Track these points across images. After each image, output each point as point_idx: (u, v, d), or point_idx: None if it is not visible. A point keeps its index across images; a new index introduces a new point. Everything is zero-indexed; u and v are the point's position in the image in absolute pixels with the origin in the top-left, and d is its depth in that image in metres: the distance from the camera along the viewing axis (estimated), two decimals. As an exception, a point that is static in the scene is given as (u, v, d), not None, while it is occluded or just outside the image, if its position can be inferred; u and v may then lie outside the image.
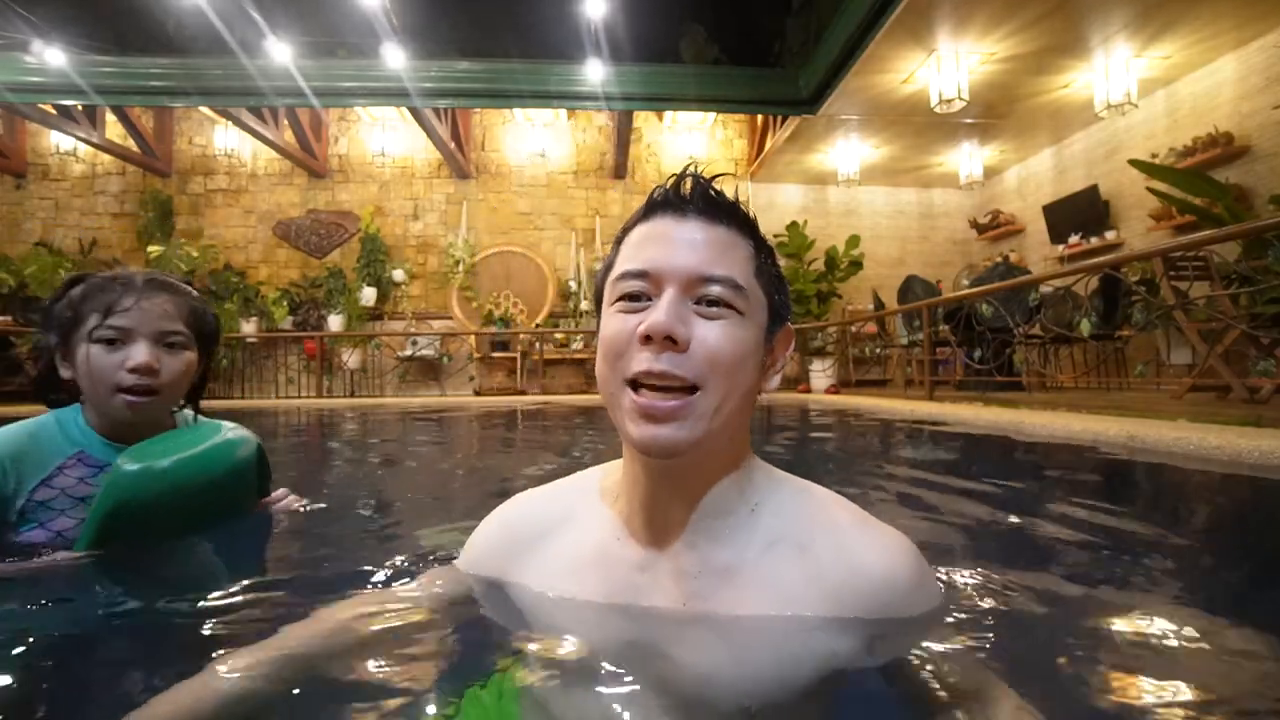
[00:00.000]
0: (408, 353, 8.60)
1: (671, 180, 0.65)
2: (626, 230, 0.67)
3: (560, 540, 0.71)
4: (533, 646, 0.62)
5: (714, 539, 0.64)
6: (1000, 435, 3.17)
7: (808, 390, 7.81)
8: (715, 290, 0.60)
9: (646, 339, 0.58)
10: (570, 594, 0.67)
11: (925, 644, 0.60)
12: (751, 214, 0.67)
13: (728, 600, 0.62)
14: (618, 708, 0.52)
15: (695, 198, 0.64)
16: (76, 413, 1.07)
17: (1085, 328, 4.32)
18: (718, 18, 8.10)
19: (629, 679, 0.56)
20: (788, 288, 0.69)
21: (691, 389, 0.59)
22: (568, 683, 0.58)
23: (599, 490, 0.73)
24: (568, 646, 0.61)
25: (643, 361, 0.59)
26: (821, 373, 7.95)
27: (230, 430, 1.11)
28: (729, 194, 0.65)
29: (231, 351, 8.53)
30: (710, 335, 0.59)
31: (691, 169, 0.66)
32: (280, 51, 6.47)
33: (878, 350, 8.68)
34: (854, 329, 8.50)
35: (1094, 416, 3.09)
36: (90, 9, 7.10)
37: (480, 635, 0.68)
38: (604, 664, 0.58)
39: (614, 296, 0.63)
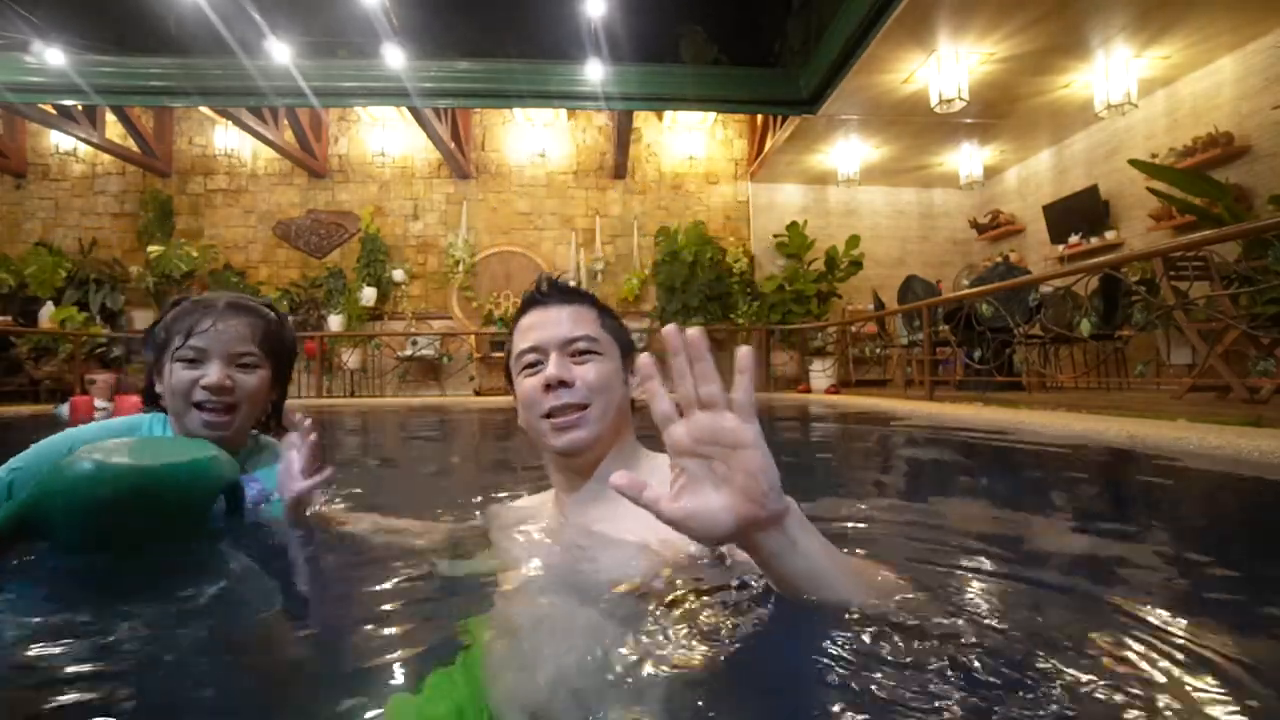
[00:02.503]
0: (408, 353, 8.60)
1: (534, 285, 1.01)
2: (515, 321, 1.01)
3: (528, 526, 1.04)
4: (491, 618, 0.77)
5: (610, 498, 0.81)
6: (1000, 435, 3.17)
7: (808, 390, 7.82)
8: (580, 345, 0.94)
9: (548, 387, 0.91)
10: (525, 554, 0.97)
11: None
12: (587, 290, 1.04)
13: (614, 532, 0.87)
14: (563, 651, 0.66)
15: (551, 291, 0.98)
16: (165, 421, 1.15)
17: (1085, 328, 4.32)
18: (718, 18, 8.10)
19: (559, 609, 0.75)
20: (627, 330, 1.04)
21: (583, 406, 0.91)
22: (520, 638, 0.71)
23: (550, 497, 1.05)
24: (517, 604, 0.80)
25: (548, 401, 0.91)
26: (821, 373, 7.95)
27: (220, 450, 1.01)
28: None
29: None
30: (585, 372, 0.92)
31: (544, 276, 1.02)
32: (280, 51, 6.47)
33: (878, 350, 8.68)
34: (854, 329, 8.50)
35: (1094, 416, 3.09)
36: (90, 9, 7.11)
37: (448, 609, 0.86)
38: (544, 604, 0.76)
39: (520, 368, 0.96)
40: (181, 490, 0.91)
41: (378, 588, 0.89)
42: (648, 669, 0.57)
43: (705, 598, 0.70)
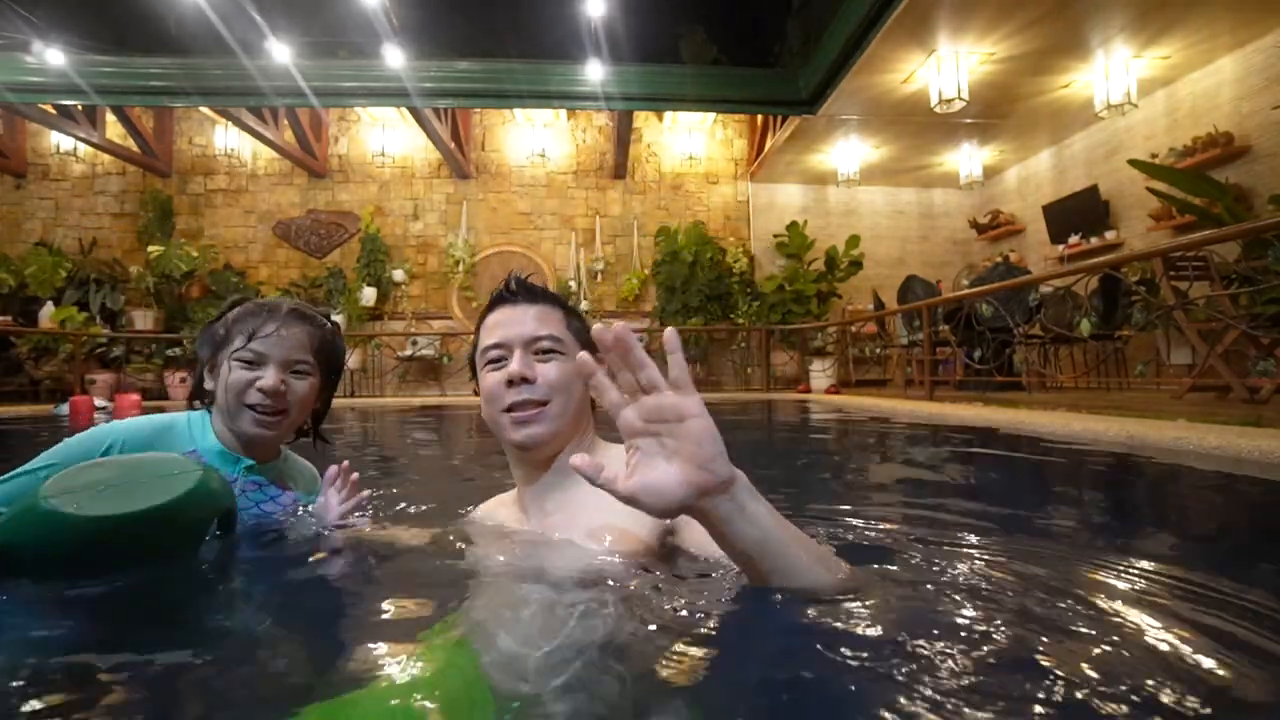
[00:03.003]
0: (408, 353, 8.60)
1: (503, 283, 1.03)
2: (482, 318, 1.03)
3: (495, 514, 1.12)
4: (467, 599, 0.84)
5: (564, 488, 0.97)
6: (999, 435, 3.17)
7: (808, 390, 7.82)
8: (544, 344, 0.96)
9: (510, 383, 0.94)
10: (490, 551, 1.01)
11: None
12: (555, 292, 1.06)
13: (572, 515, 0.93)
14: (528, 617, 0.74)
15: (518, 291, 1.01)
16: (206, 417, 1.16)
17: (1085, 328, 4.32)
18: (718, 18, 8.10)
19: (528, 593, 0.81)
20: (585, 332, 1.03)
21: (543, 403, 0.94)
22: (497, 610, 0.79)
23: (512, 495, 1.11)
24: (491, 588, 0.88)
25: (509, 396, 0.94)
26: (821, 373, 7.95)
27: (213, 479, 0.95)
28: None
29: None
30: (547, 370, 0.95)
31: (514, 275, 1.04)
32: (280, 51, 6.47)
33: (878, 350, 8.68)
34: (854, 329, 8.50)
35: (1094, 416, 3.09)
36: (90, 9, 7.10)
37: (436, 582, 0.94)
38: (518, 591, 0.85)
39: (484, 363, 0.99)
40: (160, 530, 0.86)
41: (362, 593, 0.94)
42: (603, 648, 0.63)
43: (656, 581, 0.77)
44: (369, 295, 8.68)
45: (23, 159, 8.74)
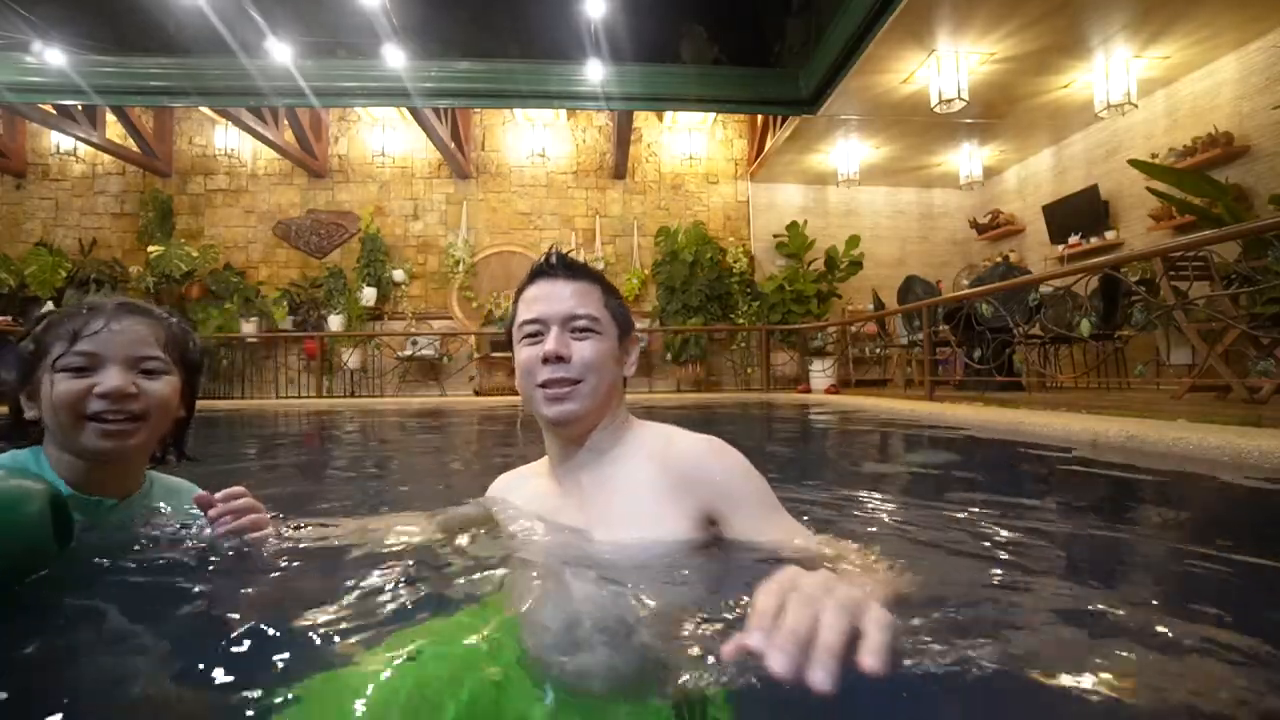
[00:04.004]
0: (408, 353, 8.60)
1: (543, 256, 1.02)
2: (520, 290, 1.02)
3: (524, 489, 1.12)
4: (502, 571, 0.86)
5: (599, 467, 0.99)
6: (999, 435, 3.17)
7: (807, 390, 7.82)
8: (581, 323, 0.96)
9: (545, 360, 0.94)
10: (522, 520, 1.04)
11: (743, 517, 0.87)
12: (595, 268, 1.05)
13: (609, 498, 0.95)
14: (567, 595, 0.76)
15: (559, 266, 1.00)
16: (37, 455, 0.94)
17: (1085, 328, 4.32)
18: (718, 18, 8.10)
19: (562, 567, 0.83)
20: (628, 311, 1.06)
21: (576, 382, 0.95)
22: (533, 586, 0.82)
23: (544, 463, 1.11)
24: (526, 559, 0.91)
25: (544, 373, 0.95)
26: (821, 373, 7.95)
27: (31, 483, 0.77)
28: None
29: (231, 352, 8.53)
30: (582, 349, 0.96)
31: (555, 249, 1.05)
32: (280, 51, 6.47)
33: (878, 350, 8.68)
34: (854, 329, 8.50)
35: (1094, 416, 3.09)
36: (90, 9, 7.10)
37: (466, 563, 0.94)
38: (550, 563, 0.87)
39: (520, 336, 0.99)
40: None
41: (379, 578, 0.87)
42: (638, 629, 0.64)
43: (699, 566, 0.79)
44: (369, 295, 8.68)
45: (23, 159, 8.74)
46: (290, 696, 0.56)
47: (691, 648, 0.61)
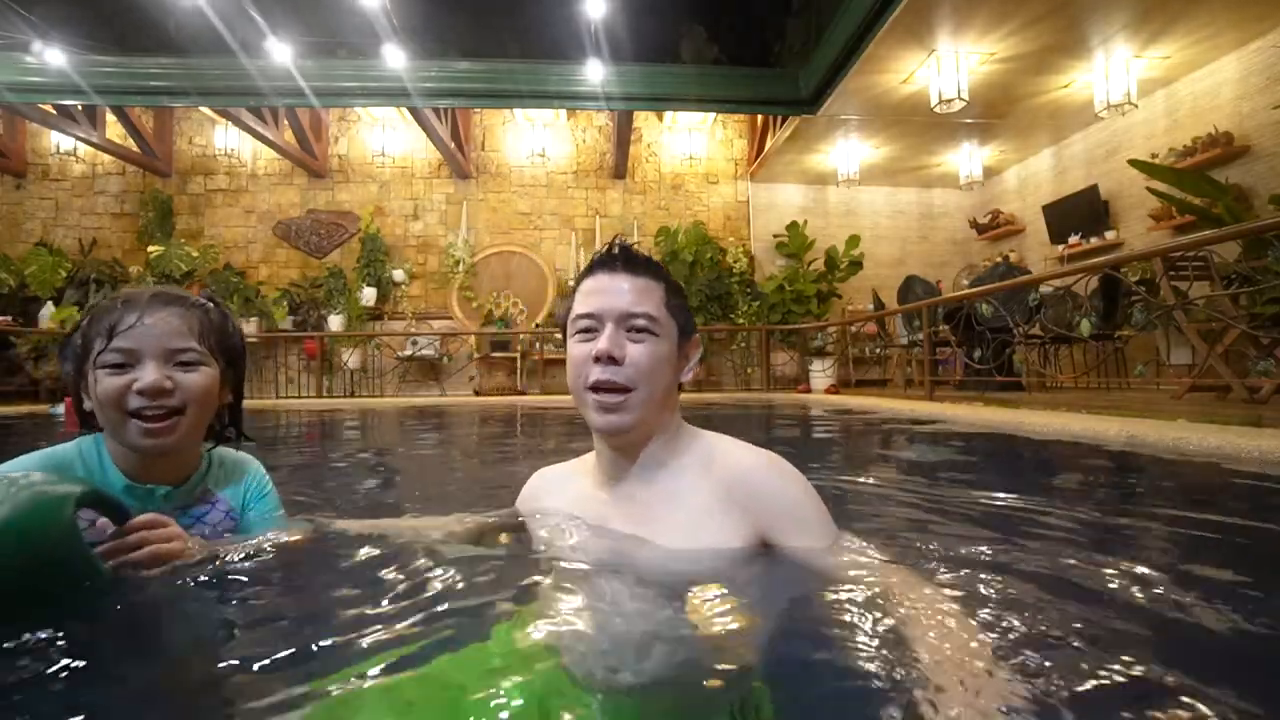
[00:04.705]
0: (408, 353, 8.60)
1: (605, 247, 0.98)
2: (579, 281, 0.98)
3: (566, 491, 1.07)
4: (546, 580, 0.83)
5: (652, 480, 0.94)
6: (999, 435, 3.17)
7: (807, 390, 7.81)
8: (639, 322, 0.91)
9: (597, 359, 0.89)
10: (567, 527, 0.99)
11: (803, 537, 0.85)
12: (659, 264, 0.99)
13: (662, 512, 0.91)
14: (602, 608, 0.74)
15: (620, 258, 0.95)
16: (99, 444, 0.97)
17: (1085, 328, 4.32)
18: (718, 18, 8.10)
19: (607, 580, 0.81)
20: (690, 313, 1.00)
21: (627, 390, 0.89)
22: (576, 598, 0.79)
23: (590, 461, 1.06)
24: (567, 568, 0.87)
25: (596, 373, 0.89)
26: (821, 373, 7.95)
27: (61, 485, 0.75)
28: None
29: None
30: (636, 352, 0.90)
31: (619, 239, 0.99)
32: (280, 51, 6.47)
33: (878, 350, 8.68)
34: (854, 329, 8.50)
35: (1094, 416, 3.09)
36: (90, 9, 7.10)
37: (508, 569, 0.92)
38: (591, 574, 0.84)
39: (574, 330, 0.94)
40: None
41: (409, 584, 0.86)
42: (689, 647, 0.62)
43: (749, 586, 0.75)
44: (369, 295, 8.68)
45: (23, 159, 8.74)
46: (314, 710, 0.54)
47: (747, 671, 0.59)
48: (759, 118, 8.86)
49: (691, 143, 9.33)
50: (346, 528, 1.12)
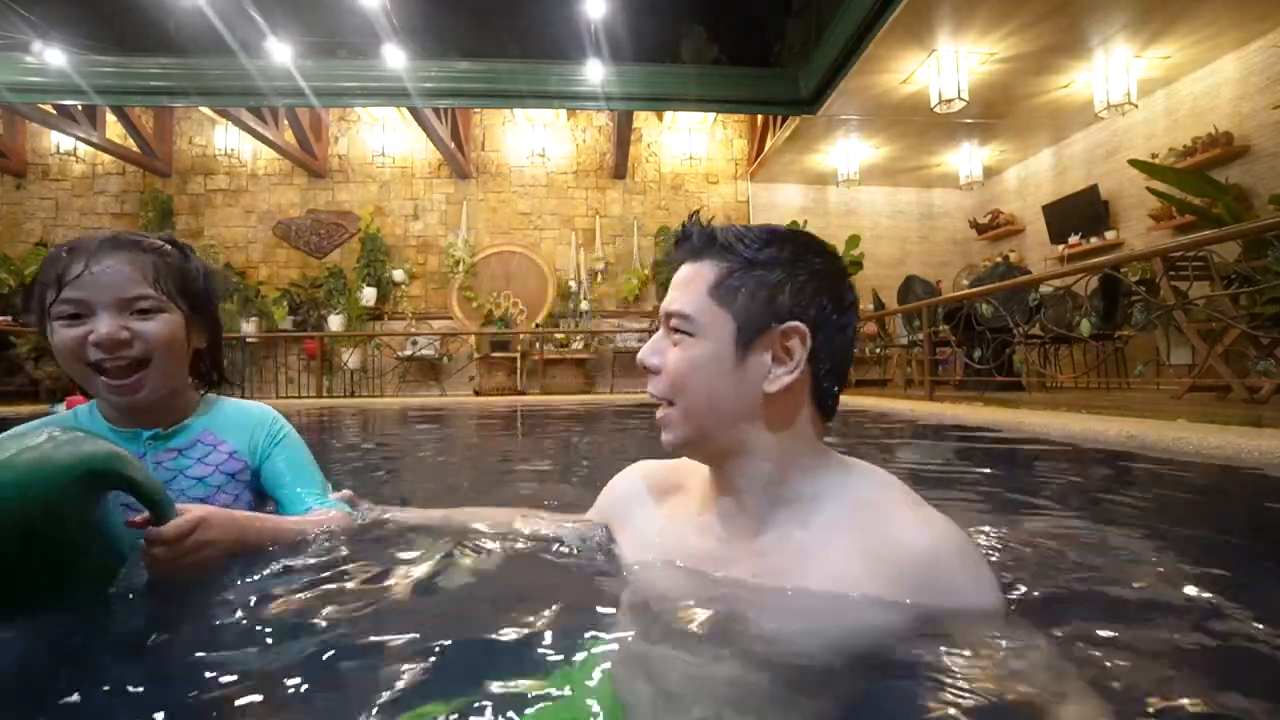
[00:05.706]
0: (408, 353, 8.60)
1: (683, 224, 0.80)
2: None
3: (660, 506, 0.89)
4: (624, 616, 0.72)
5: (778, 523, 0.75)
6: (1000, 435, 3.16)
7: (808, 390, 7.80)
8: (674, 322, 0.75)
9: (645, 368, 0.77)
10: (663, 555, 0.82)
11: (987, 636, 0.63)
12: (731, 234, 0.75)
13: (789, 574, 0.71)
14: (692, 676, 0.60)
15: (680, 242, 0.79)
16: (93, 404, 0.95)
17: (1085, 328, 4.32)
18: (718, 18, 8.10)
19: (702, 643, 0.65)
20: (782, 288, 0.73)
21: (670, 404, 0.75)
22: (651, 648, 0.67)
23: (695, 471, 0.85)
24: (655, 610, 0.73)
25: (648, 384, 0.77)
26: (821, 373, 7.93)
27: (85, 442, 0.67)
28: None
29: (232, 352, 8.52)
30: (670, 359, 0.75)
31: (694, 215, 0.80)
32: (280, 51, 6.47)
33: (878, 350, 8.67)
34: (854, 329, 8.47)
35: (1094, 416, 3.09)
36: (90, 9, 7.10)
37: (582, 596, 0.78)
38: (684, 627, 0.68)
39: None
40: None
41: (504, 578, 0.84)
42: None
43: (909, 669, 0.60)
44: (369, 295, 8.68)
45: (23, 159, 8.74)
46: None
47: None
48: (759, 118, 8.85)
49: (691, 143, 9.33)
50: (401, 517, 1.06)
